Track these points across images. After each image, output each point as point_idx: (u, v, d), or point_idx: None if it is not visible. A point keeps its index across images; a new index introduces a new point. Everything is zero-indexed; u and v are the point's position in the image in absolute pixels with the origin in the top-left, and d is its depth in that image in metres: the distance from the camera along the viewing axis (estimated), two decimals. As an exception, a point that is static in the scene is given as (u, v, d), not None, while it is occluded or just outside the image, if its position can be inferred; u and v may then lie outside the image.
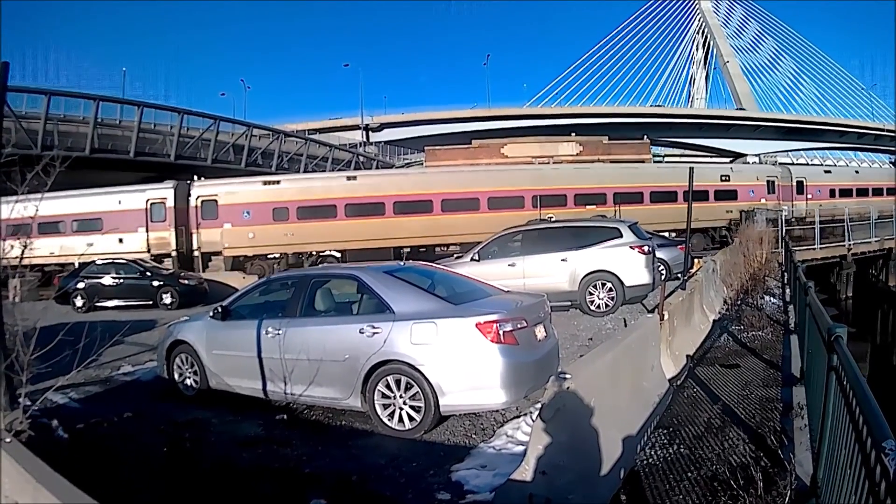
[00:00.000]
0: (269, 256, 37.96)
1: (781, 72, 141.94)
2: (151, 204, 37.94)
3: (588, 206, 38.74)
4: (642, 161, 55.70)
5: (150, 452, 8.44)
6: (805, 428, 7.74)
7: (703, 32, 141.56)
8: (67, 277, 28.60)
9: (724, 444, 7.72)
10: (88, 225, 37.10)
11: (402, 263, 13.49)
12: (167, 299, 27.52)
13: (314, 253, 38.44)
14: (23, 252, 7.55)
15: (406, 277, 10.62)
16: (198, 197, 38.75)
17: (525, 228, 21.15)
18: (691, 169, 19.96)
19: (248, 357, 10.76)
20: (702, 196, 40.29)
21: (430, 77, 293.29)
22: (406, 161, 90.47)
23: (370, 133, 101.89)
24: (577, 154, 57.20)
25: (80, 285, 27.74)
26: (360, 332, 9.68)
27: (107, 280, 28.13)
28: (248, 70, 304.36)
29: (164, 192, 38.45)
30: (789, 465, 6.35)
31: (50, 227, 35.28)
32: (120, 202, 37.88)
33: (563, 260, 18.95)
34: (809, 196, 47.83)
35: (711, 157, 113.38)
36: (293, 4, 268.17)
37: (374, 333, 9.57)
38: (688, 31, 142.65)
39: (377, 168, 73.76)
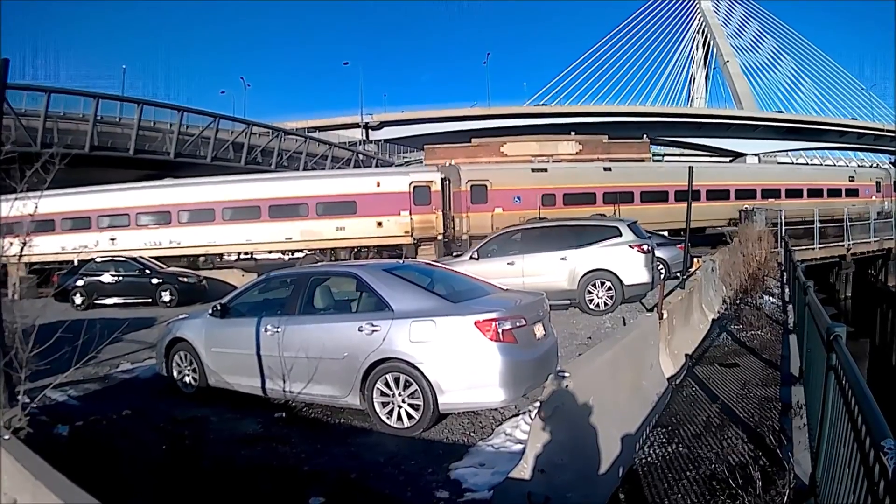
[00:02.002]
0: None
1: (781, 71, 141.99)
2: (415, 187, 37.98)
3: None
4: (642, 160, 55.76)
5: (148, 450, 8.43)
6: (804, 427, 7.74)
7: (703, 32, 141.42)
8: (66, 275, 28.59)
9: (722, 443, 7.73)
10: (339, 208, 37.45)
11: (401, 262, 13.48)
12: (166, 297, 27.57)
13: None
14: (21, 249, 7.53)
15: (405, 275, 10.62)
16: (468, 181, 39.79)
17: (525, 227, 21.24)
18: (690, 168, 20.08)
19: (247, 355, 10.78)
20: (835, 193, 48.08)
21: (429, 75, 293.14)
22: (406, 159, 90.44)
23: (370, 131, 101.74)
24: (577, 153, 57.21)
25: (80, 283, 27.77)
26: (360, 330, 9.69)
27: (106, 278, 28.18)
28: (247, 68, 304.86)
29: (430, 175, 38.94)
30: (788, 464, 6.35)
31: (290, 211, 36.98)
32: (379, 184, 37.92)
33: (562, 258, 18.95)
34: None
35: (711, 156, 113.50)
36: (293, 3, 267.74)
37: (373, 331, 9.58)
38: (688, 30, 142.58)
39: (376, 167, 73.75)
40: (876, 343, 30.97)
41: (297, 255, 38.09)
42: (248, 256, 38.81)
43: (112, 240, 36.22)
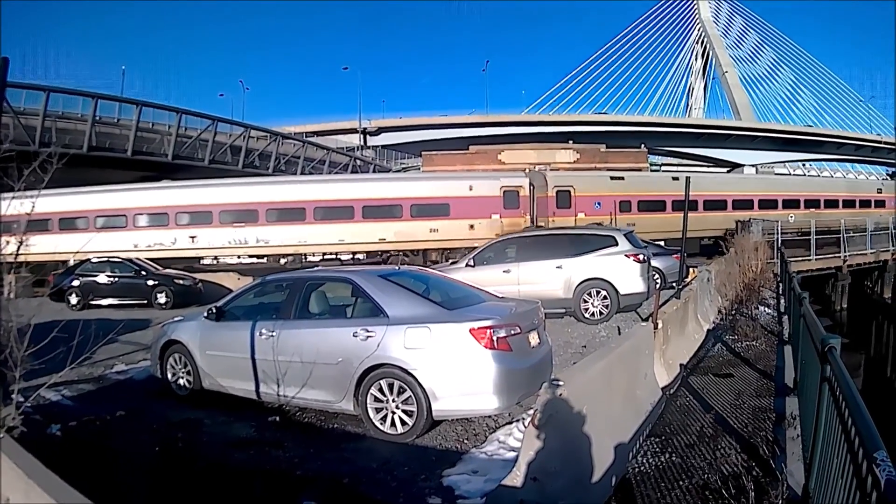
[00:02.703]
0: None
1: (780, 82, 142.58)
2: (505, 191, 39.02)
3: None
4: (639, 170, 55.94)
5: (142, 451, 8.45)
6: (797, 438, 7.75)
7: (702, 42, 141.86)
8: (62, 275, 28.55)
9: (716, 453, 7.73)
10: (433, 210, 38.28)
11: (397, 268, 13.48)
12: (162, 299, 27.48)
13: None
14: (18, 248, 7.52)
15: (400, 282, 10.61)
16: (554, 187, 40.83)
17: (521, 235, 21.26)
18: (688, 179, 20.15)
19: (242, 358, 10.74)
20: (865, 204, 51.29)
21: (428, 82, 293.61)
22: (403, 166, 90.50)
23: (367, 137, 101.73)
24: (574, 161, 57.44)
25: (75, 283, 27.70)
26: (354, 336, 9.67)
27: (102, 278, 28.10)
28: (246, 71, 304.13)
29: (519, 180, 39.99)
30: (781, 474, 6.36)
31: (385, 212, 37.66)
32: (471, 188, 38.81)
33: (558, 267, 18.94)
34: None
35: (709, 166, 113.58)
36: (293, 7, 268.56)
37: (368, 337, 9.55)
38: (687, 40, 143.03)
39: (373, 172, 73.85)
40: (871, 355, 30.97)
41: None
42: (333, 257, 39.02)
43: (192, 237, 36.86)
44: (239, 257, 39.78)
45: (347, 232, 37.23)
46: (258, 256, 38.63)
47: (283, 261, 38.26)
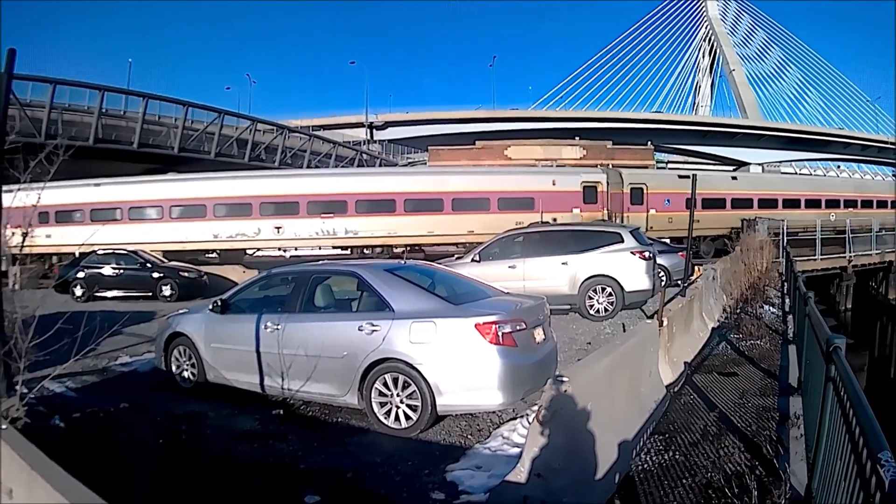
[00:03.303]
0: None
1: (787, 81, 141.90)
2: (585, 187, 40.26)
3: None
4: (645, 167, 55.98)
5: (145, 444, 8.44)
6: (801, 438, 7.75)
7: (709, 40, 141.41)
8: (67, 266, 28.59)
9: (719, 451, 7.72)
10: (518, 204, 38.85)
11: (402, 262, 13.48)
12: (167, 291, 27.48)
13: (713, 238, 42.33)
14: (24, 240, 7.54)
15: (406, 276, 10.61)
16: (629, 184, 42.34)
17: (527, 231, 21.17)
18: (694, 176, 20.15)
19: (247, 351, 10.76)
20: None
21: (435, 77, 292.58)
22: (410, 160, 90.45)
23: (374, 131, 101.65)
24: (580, 158, 57.49)
25: (80, 275, 27.70)
26: (359, 330, 9.68)
27: (107, 270, 28.10)
28: (253, 65, 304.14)
29: (598, 176, 41.36)
30: (784, 474, 6.35)
31: (473, 204, 38.47)
32: (554, 183, 40.01)
33: (563, 263, 18.93)
34: None
35: (715, 164, 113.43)
36: (301, 1, 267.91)
37: (373, 331, 9.57)
38: (694, 38, 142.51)
39: (380, 167, 73.86)
40: (875, 356, 30.99)
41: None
42: (417, 248, 39.42)
43: (277, 228, 37.25)
44: (320, 248, 40.12)
45: (436, 224, 37.67)
46: (344, 248, 39.04)
47: (367, 252, 38.57)
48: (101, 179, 38.90)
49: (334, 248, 39.33)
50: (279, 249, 40.68)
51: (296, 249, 40.66)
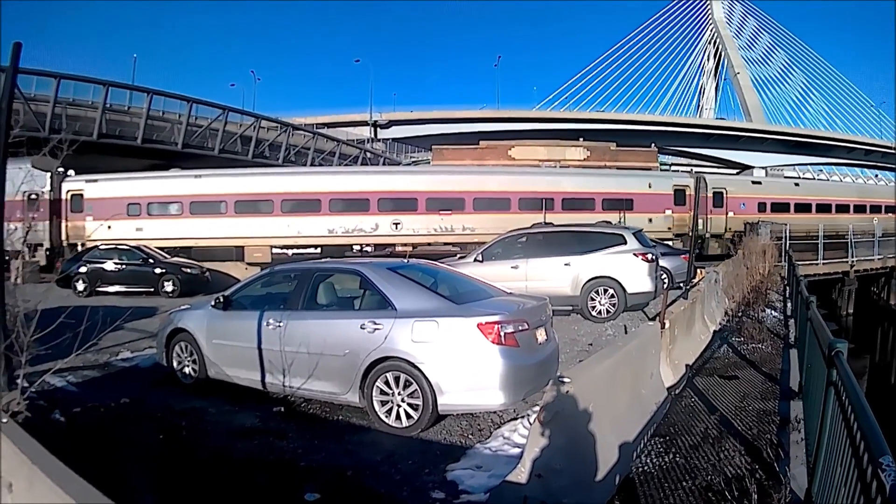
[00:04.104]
0: None
1: (791, 85, 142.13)
2: (675, 190, 42.65)
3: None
4: (648, 169, 56.15)
5: (145, 439, 8.45)
6: (801, 442, 7.74)
7: (714, 43, 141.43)
8: (70, 261, 28.62)
9: (720, 454, 7.72)
10: (621, 204, 41.05)
11: (405, 261, 13.47)
12: (169, 287, 27.58)
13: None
14: (27, 234, 7.56)
15: (409, 275, 10.61)
16: (711, 188, 44.74)
17: (529, 231, 21.14)
18: (701, 177, 20.15)
19: (248, 348, 10.76)
20: None
21: (439, 76, 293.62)
22: (413, 159, 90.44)
23: (378, 129, 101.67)
24: (584, 159, 57.78)
25: (83, 269, 27.76)
26: (361, 328, 9.68)
27: (109, 265, 28.18)
28: (258, 62, 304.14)
29: (687, 181, 43.93)
30: (784, 478, 6.35)
31: (579, 204, 39.98)
32: (650, 186, 42.63)
33: (566, 264, 18.93)
34: None
35: (718, 167, 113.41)
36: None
37: (375, 329, 9.56)
38: (699, 40, 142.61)
39: (384, 165, 73.94)
40: (876, 360, 31.02)
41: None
42: None
43: (395, 224, 37.69)
44: (430, 245, 39.93)
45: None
46: (460, 244, 38.74)
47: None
48: (201, 171, 39.79)
49: (445, 244, 39.42)
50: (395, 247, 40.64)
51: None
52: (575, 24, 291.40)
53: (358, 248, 40.06)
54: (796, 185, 54.25)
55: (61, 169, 36.95)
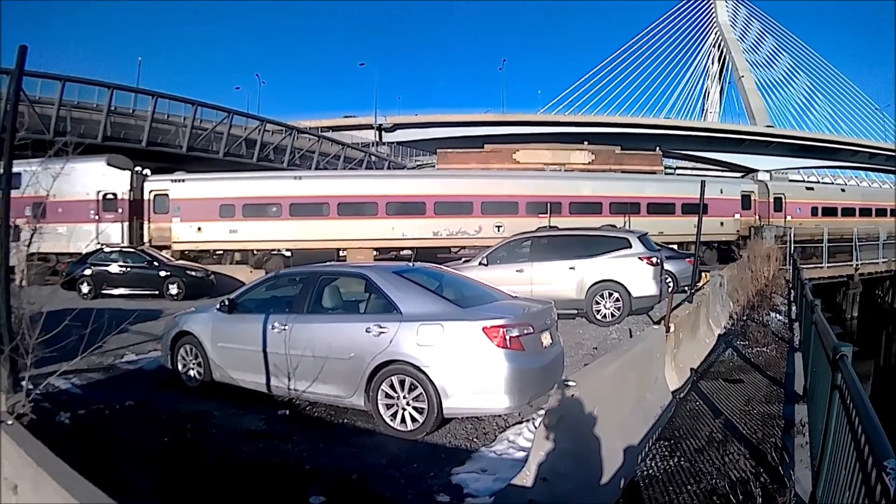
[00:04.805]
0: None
1: (796, 88, 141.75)
2: (742, 196, 45.69)
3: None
4: (653, 172, 56.31)
5: (150, 441, 8.46)
6: (806, 446, 7.74)
7: (719, 46, 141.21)
8: (75, 264, 28.60)
9: (724, 458, 7.72)
10: (696, 209, 40.59)
11: (411, 264, 13.48)
12: (173, 290, 27.55)
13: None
14: (32, 237, 7.57)
15: (414, 278, 10.60)
16: (773, 194, 48.34)
17: (534, 235, 21.13)
18: (703, 182, 20.13)
19: (253, 351, 10.77)
20: None
21: (444, 80, 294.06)
22: (418, 163, 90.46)
23: (383, 133, 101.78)
24: (589, 163, 57.81)
25: (87, 272, 27.74)
26: (367, 331, 9.68)
27: (114, 268, 28.17)
28: (263, 65, 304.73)
29: (752, 187, 48.14)
30: (789, 482, 6.36)
31: (660, 209, 42.04)
32: (722, 191, 44.00)
33: (571, 268, 18.94)
34: None
35: (723, 171, 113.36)
36: (311, 2, 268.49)
37: (381, 333, 9.57)
38: (704, 44, 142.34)
39: (388, 168, 73.98)
40: (880, 364, 30.97)
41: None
42: None
43: (498, 227, 37.54)
44: None
45: (634, 225, 38.28)
46: None
47: None
48: (301, 173, 42.32)
49: None
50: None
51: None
52: (579, 28, 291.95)
53: (456, 249, 40.30)
54: (842, 190, 58.21)
55: (138, 168, 37.08)
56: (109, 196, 34.81)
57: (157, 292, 27.58)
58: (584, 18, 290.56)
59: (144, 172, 37.53)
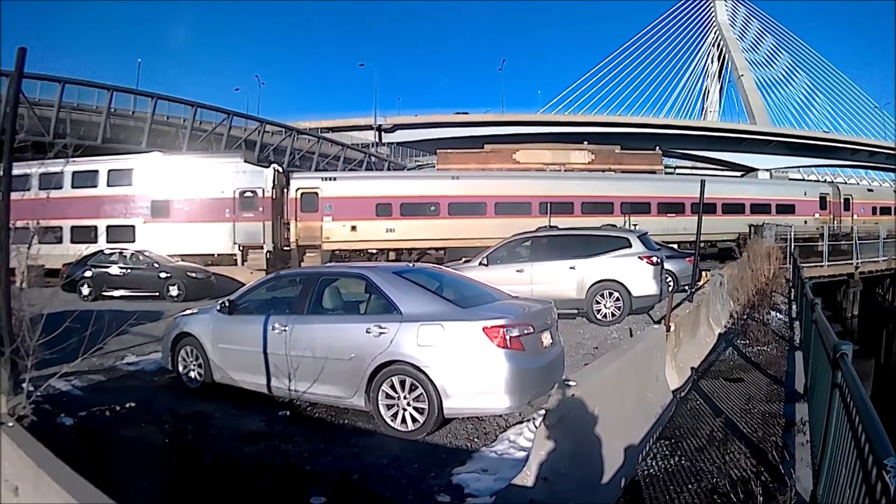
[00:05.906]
0: None
1: (795, 87, 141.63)
2: (821, 197, 50.71)
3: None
4: (653, 172, 56.35)
5: (151, 443, 8.48)
6: (807, 444, 7.74)
7: (718, 45, 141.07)
8: (76, 266, 28.59)
9: (725, 457, 7.72)
10: (785, 209, 47.86)
11: (411, 265, 13.48)
12: (174, 291, 27.50)
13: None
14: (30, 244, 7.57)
15: (414, 279, 10.60)
16: (842, 195, 52.79)
17: (534, 235, 21.12)
18: (702, 181, 20.12)
19: (254, 352, 10.76)
20: None
21: (444, 80, 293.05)
22: (418, 163, 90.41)
23: (383, 134, 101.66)
24: (589, 163, 57.83)
25: (88, 274, 27.72)
26: (367, 332, 9.68)
27: (114, 270, 28.13)
28: (262, 66, 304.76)
29: (828, 189, 53.14)
30: (790, 480, 6.35)
31: (733, 209, 44.69)
32: (805, 194, 50.56)
33: (571, 268, 18.93)
34: None
35: (723, 170, 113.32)
36: (310, 3, 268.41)
37: (381, 333, 9.56)
38: (703, 43, 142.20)
39: (388, 169, 73.93)
40: (881, 363, 30.93)
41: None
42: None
43: (634, 226, 37.94)
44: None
45: (710, 226, 38.29)
46: (680, 244, 40.48)
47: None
48: (458, 171, 43.13)
49: (668, 244, 40.16)
50: None
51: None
52: (579, 28, 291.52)
53: None
54: (895, 191, 61.78)
55: (275, 165, 37.15)
56: (248, 194, 34.87)
57: (157, 294, 27.53)
58: (584, 19, 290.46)
59: (288, 171, 38.03)
